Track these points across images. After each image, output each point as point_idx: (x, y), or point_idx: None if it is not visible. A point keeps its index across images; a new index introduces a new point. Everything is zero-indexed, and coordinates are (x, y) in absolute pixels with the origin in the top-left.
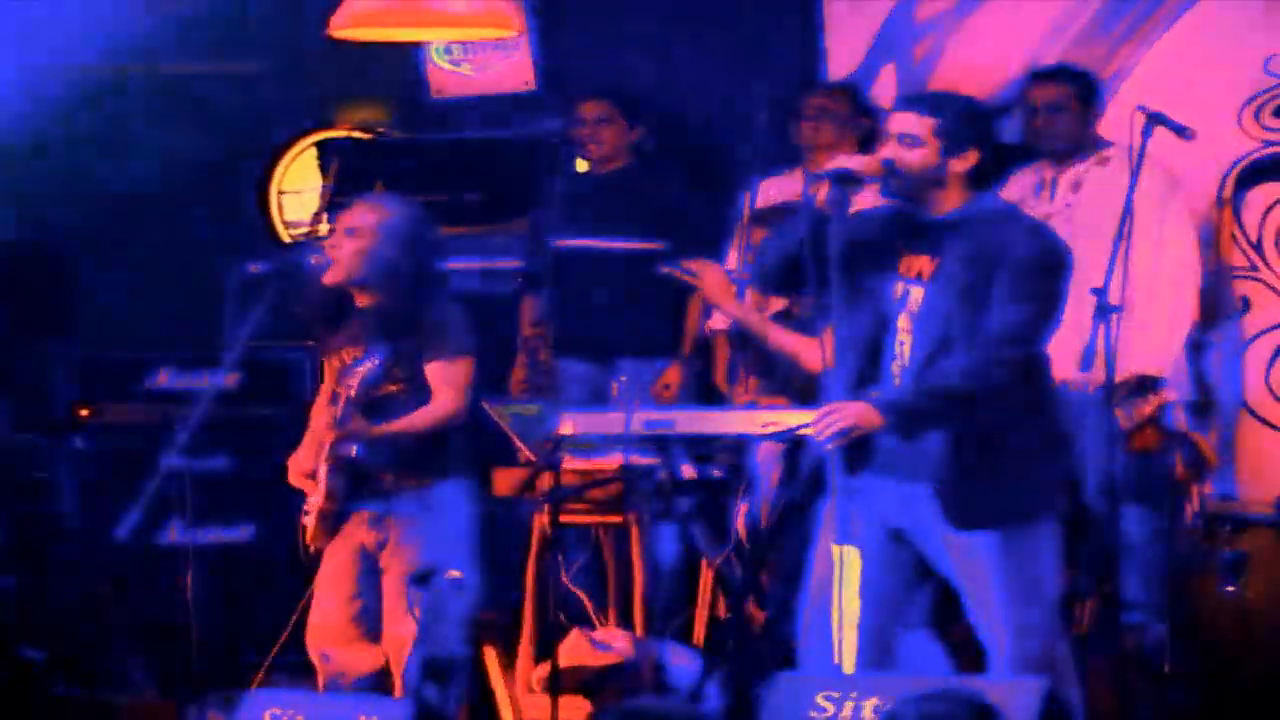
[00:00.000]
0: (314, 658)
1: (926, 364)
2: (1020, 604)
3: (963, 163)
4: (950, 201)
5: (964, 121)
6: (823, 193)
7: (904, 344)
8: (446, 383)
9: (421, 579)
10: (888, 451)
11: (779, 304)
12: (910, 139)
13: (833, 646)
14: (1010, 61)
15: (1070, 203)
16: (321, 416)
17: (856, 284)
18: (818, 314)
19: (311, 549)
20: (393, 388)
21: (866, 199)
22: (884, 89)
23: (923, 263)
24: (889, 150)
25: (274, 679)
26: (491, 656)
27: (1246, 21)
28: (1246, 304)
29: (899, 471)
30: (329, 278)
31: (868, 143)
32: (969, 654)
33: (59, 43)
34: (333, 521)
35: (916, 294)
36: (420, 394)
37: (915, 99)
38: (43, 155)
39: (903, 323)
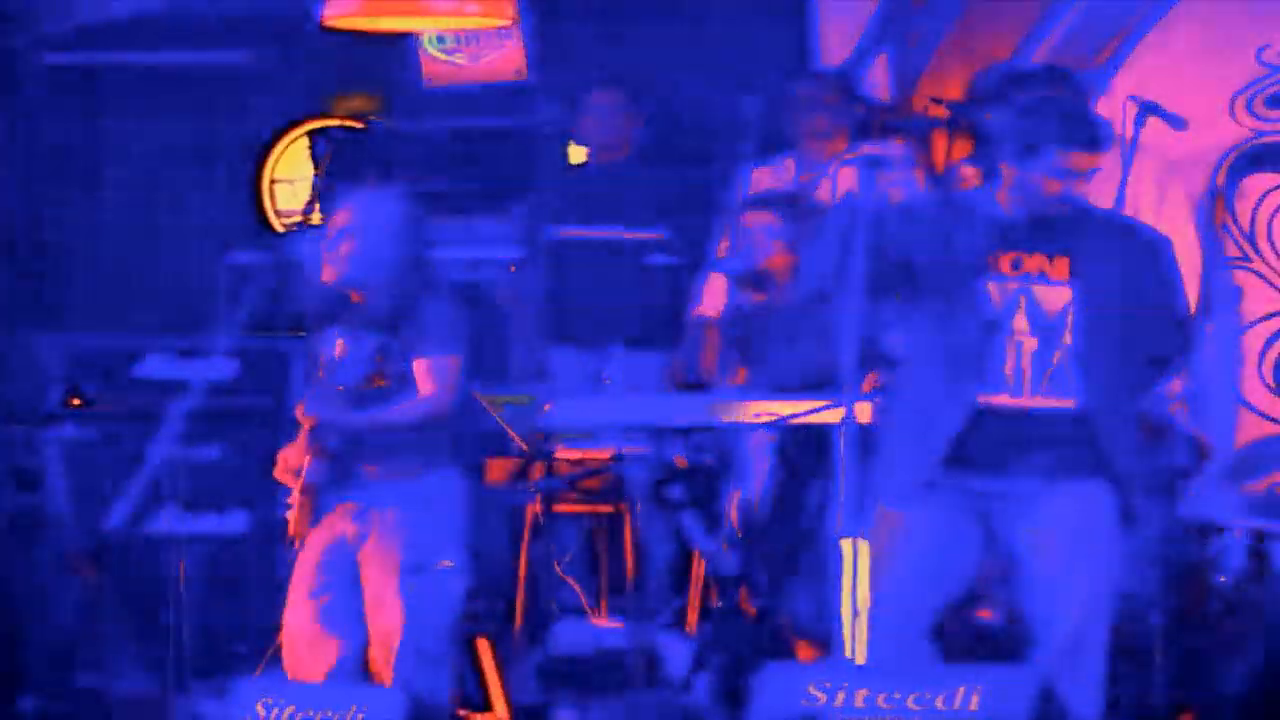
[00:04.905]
0: (289, 650)
1: (1102, 367)
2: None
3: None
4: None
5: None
6: (846, 181)
7: (1022, 345)
8: (432, 379)
9: (413, 569)
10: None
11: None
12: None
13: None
14: (1004, 50)
15: None
16: None
17: (941, 281)
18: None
19: (296, 541)
20: (382, 383)
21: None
22: (877, 78)
23: (1037, 262)
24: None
25: (269, 668)
26: (484, 646)
27: (1238, 11)
28: (1239, 294)
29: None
30: (326, 277)
31: (860, 131)
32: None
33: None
34: (314, 513)
35: (1044, 293)
36: (409, 390)
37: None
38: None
39: (1020, 323)
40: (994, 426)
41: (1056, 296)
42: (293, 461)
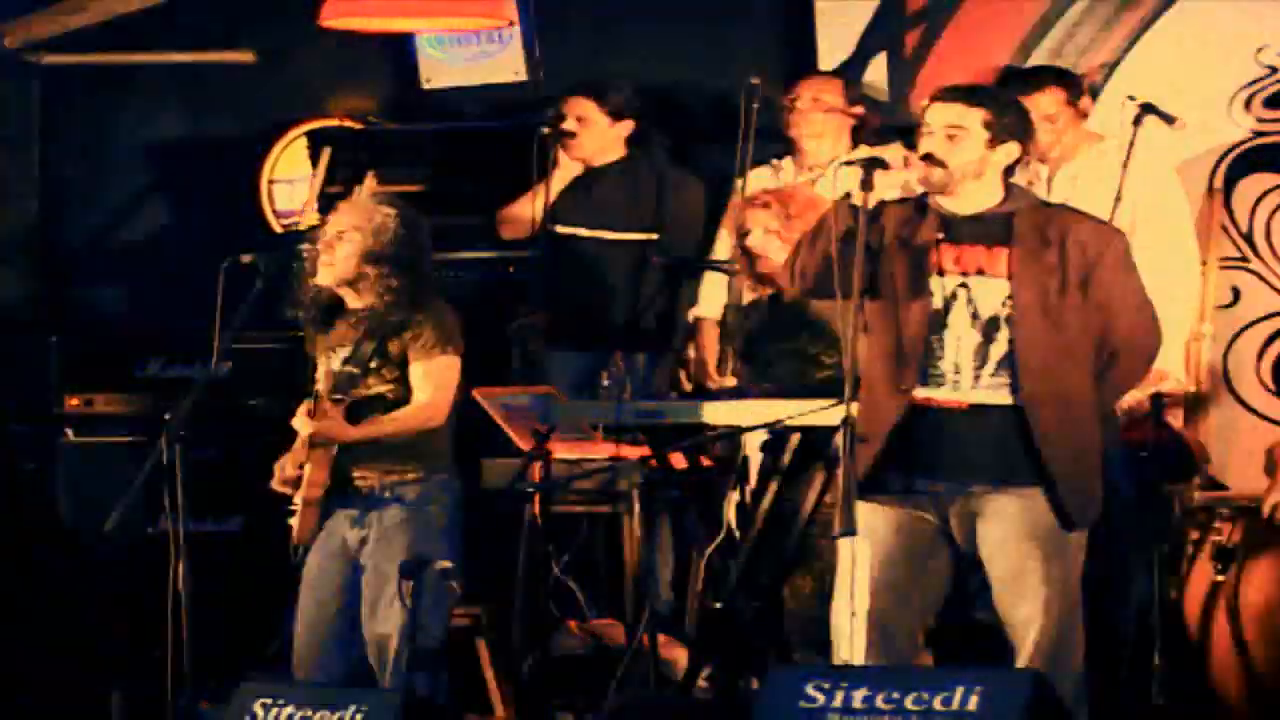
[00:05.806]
0: (295, 657)
1: (1039, 363)
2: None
3: (1005, 156)
4: (986, 195)
5: (1011, 114)
6: (846, 181)
7: (961, 339)
8: (429, 384)
9: (410, 570)
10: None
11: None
12: (957, 130)
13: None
14: (1002, 51)
15: (1069, 199)
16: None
17: (891, 279)
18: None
19: (299, 548)
20: (380, 388)
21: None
22: (875, 79)
23: (977, 257)
24: (932, 142)
25: (268, 669)
26: (484, 647)
27: (1237, 11)
28: (1237, 294)
29: (982, 474)
30: (321, 280)
31: (858, 133)
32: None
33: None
34: (316, 520)
35: (983, 288)
36: (408, 394)
37: (962, 90)
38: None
39: (958, 319)
40: (934, 423)
41: (995, 291)
42: (289, 471)
